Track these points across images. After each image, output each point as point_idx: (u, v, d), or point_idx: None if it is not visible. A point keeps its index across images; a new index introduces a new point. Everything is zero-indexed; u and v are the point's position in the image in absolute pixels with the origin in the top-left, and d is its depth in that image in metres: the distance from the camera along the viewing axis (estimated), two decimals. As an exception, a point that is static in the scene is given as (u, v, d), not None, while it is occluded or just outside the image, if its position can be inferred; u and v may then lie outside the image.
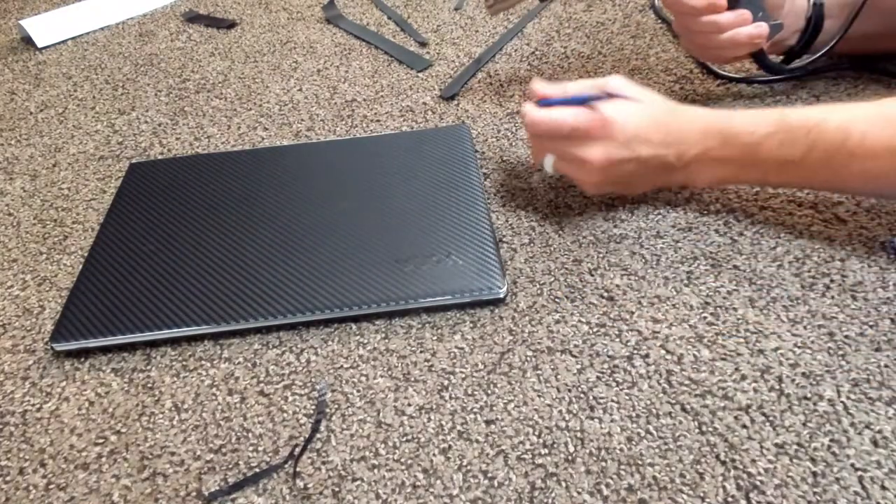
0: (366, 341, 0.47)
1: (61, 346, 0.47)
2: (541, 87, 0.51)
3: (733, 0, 0.55)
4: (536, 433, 0.40)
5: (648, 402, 0.41)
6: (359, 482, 0.39)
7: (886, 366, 0.41)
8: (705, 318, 0.45)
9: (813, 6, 0.58)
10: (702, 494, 0.37)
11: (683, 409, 0.41)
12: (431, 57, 0.76)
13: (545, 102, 0.51)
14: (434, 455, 0.40)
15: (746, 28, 0.56)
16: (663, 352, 0.44)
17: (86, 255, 0.54)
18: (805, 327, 0.44)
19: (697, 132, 0.47)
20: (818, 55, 0.60)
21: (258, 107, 0.71)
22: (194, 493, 0.39)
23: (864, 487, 0.36)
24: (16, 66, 0.83)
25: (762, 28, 0.56)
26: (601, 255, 0.50)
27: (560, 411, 0.41)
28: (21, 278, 0.54)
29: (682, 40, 0.62)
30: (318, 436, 0.41)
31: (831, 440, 0.38)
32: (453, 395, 0.43)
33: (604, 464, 0.39)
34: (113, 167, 0.65)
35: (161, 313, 0.47)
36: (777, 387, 0.41)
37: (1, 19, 0.94)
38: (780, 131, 0.45)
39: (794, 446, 0.38)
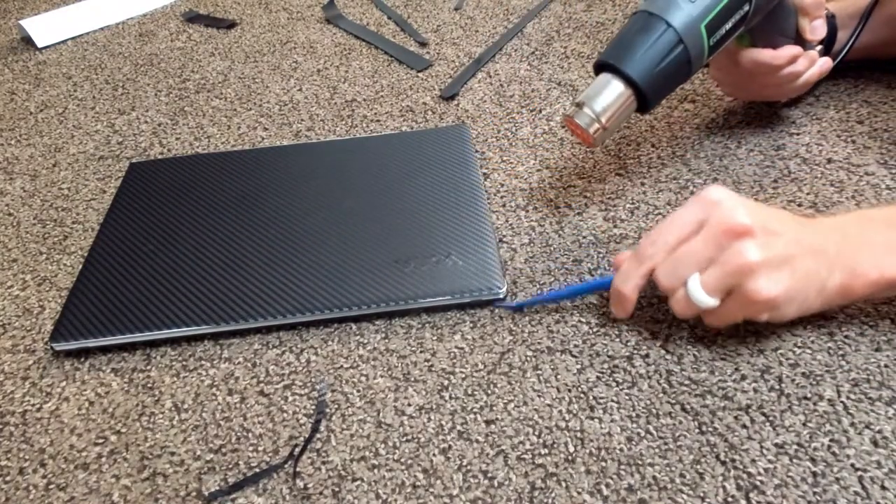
0: (366, 341, 0.47)
1: (61, 346, 0.47)
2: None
3: (800, 40, 0.54)
4: (536, 433, 0.40)
5: (648, 402, 0.41)
6: (359, 482, 0.39)
7: (886, 366, 0.42)
8: (705, 318, 0.45)
9: (826, 18, 0.58)
10: (702, 494, 0.37)
11: (683, 409, 0.41)
12: (431, 57, 0.76)
13: (518, 305, 0.47)
14: (434, 455, 0.40)
15: (817, 67, 0.55)
16: (663, 352, 0.44)
17: (86, 255, 0.54)
18: (805, 327, 0.44)
19: (837, 220, 0.41)
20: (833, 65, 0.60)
21: (258, 107, 0.71)
22: (194, 493, 0.39)
23: (864, 487, 0.36)
24: (16, 66, 0.83)
25: (829, 64, 0.56)
26: (601, 255, 0.50)
27: (560, 411, 0.41)
28: (21, 278, 0.54)
29: (728, 87, 0.60)
30: (318, 436, 0.41)
31: (831, 440, 0.38)
32: (453, 395, 0.43)
33: (604, 464, 0.39)
34: (113, 167, 0.65)
35: (161, 313, 0.47)
36: (777, 387, 0.41)
37: (1, 19, 0.94)
38: None
39: (794, 446, 0.38)
